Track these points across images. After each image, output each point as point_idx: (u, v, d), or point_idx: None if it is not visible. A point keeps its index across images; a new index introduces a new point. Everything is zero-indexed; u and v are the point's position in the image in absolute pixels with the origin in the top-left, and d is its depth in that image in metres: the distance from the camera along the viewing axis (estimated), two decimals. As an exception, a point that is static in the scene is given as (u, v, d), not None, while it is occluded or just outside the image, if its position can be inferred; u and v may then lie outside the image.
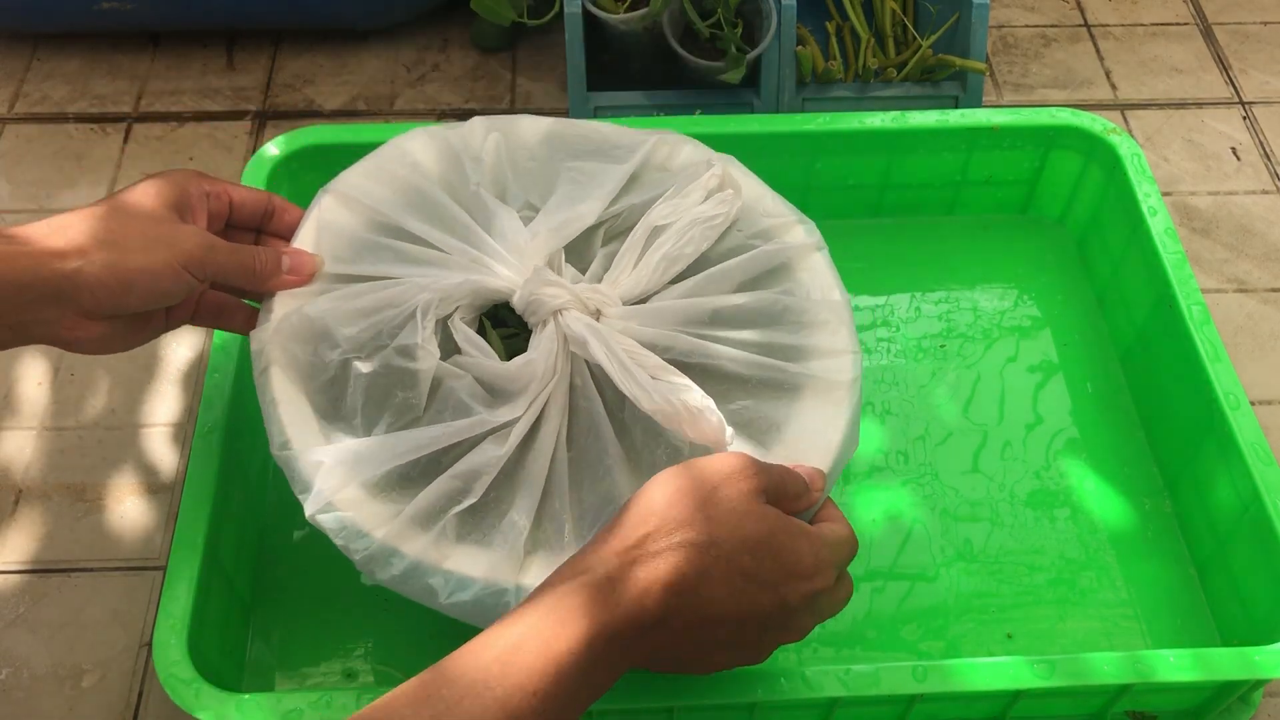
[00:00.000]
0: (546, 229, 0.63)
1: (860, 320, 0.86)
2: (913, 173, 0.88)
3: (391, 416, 0.59)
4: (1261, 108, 1.05)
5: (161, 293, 0.57)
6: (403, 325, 0.59)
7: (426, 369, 0.58)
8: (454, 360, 0.60)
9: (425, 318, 0.59)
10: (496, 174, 0.67)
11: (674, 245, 0.62)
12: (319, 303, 0.60)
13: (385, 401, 0.59)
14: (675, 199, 0.64)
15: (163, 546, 0.76)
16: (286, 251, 0.62)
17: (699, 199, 0.64)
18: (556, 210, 0.64)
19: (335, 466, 0.56)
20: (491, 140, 0.67)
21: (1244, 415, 0.71)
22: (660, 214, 0.63)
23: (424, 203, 0.64)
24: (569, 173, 0.66)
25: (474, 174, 0.65)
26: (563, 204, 0.64)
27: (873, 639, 0.72)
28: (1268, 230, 0.95)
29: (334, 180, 0.66)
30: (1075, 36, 1.11)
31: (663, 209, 0.64)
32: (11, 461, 0.80)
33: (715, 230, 0.64)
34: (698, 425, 0.56)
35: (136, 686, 0.71)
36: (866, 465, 0.79)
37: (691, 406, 0.56)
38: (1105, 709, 0.68)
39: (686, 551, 0.50)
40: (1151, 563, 0.75)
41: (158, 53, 1.07)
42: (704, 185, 0.65)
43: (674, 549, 0.50)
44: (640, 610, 0.49)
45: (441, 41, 1.09)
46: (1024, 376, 0.84)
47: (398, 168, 0.65)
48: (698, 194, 0.64)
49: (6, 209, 0.95)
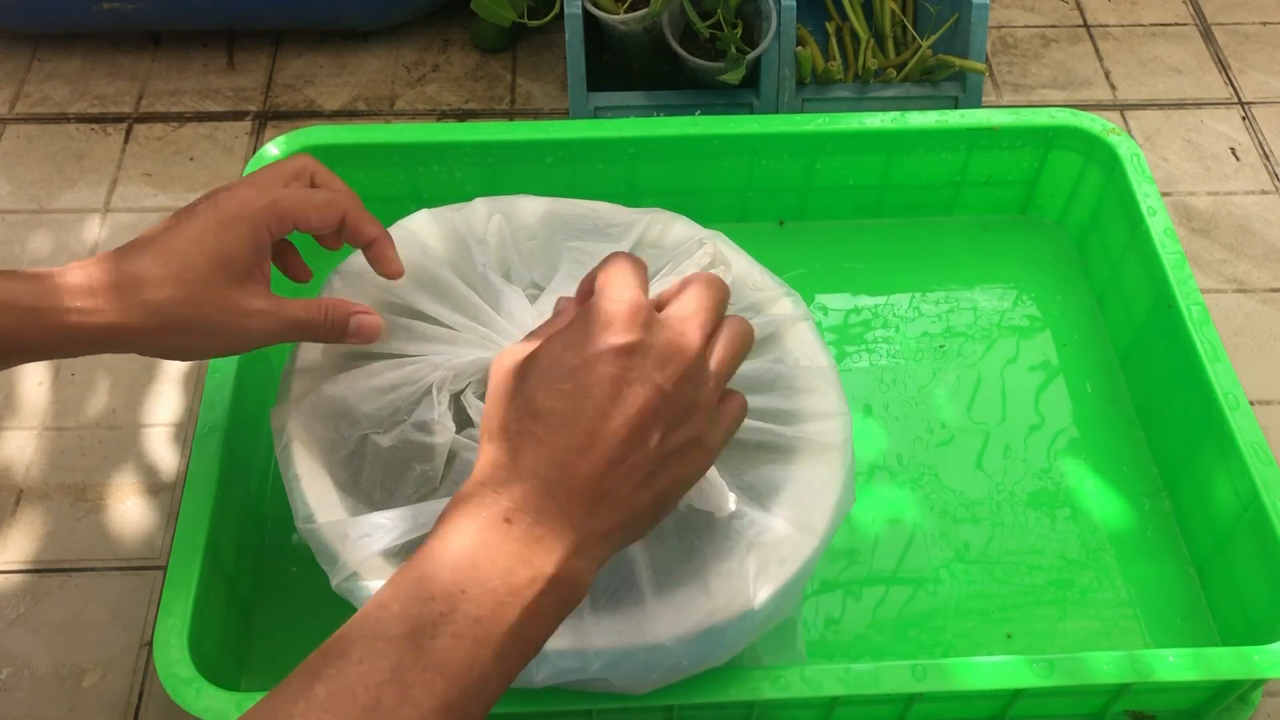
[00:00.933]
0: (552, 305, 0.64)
1: (860, 320, 0.87)
2: (912, 173, 0.88)
3: (410, 488, 0.60)
4: (1261, 108, 1.05)
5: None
6: (419, 401, 0.61)
7: (443, 443, 0.60)
8: (467, 433, 0.61)
9: (440, 393, 0.60)
10: (501, 254, 0.69)
11: None
12: (338, 381, 0.62)
13: (404, 474, 0.61)
14: (672, 275, 0.66)
15: (163, 546, 0.77)
16: (354, 312, 0.61)
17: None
18: (561, 289, 0.66)
19: (359, 539, 0.58)
20: (494, 223, 0.69)
21: (1243, 415, 0.71)
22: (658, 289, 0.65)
23: (433, 283, 0.66)
24: (570, 252, 0.69)
25: (480, 255, 0.67)
26: (566, 282, 0.66)
27: (872, 638, 0.72)
28: (1267, 230, 0.95)
29: (343, 262, 0.67)
30: (1075, 37, 1.11)
31: (660, 286, 0.65)
32: (12, 461, 0.80)
33: None
34: (702, 490, 0.57)
35: (137, 686, 0.71)
36: (866, 466, 0.79)
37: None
38: (1105, 709, 0.68)
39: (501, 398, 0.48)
40: (1151, 562, 0.75)
41: (158, 53, 1.08)
42: (698, 262, 0.67)
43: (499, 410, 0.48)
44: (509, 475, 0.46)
45: (441, 42, 1.09)
46: (1023, 377, 0.84)
47: (405, 250, 0.66)
48: (693, 270, 0.67)
49: (7, 209, 0.95)
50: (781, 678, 0.61)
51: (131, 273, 0.54)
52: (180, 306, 0.55)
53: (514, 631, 0.43)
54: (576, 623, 0.56)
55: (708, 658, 0.58)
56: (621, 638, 0.56)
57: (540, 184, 0.85)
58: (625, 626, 0.56)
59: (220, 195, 0.58)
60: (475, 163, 0.85)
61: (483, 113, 1.03)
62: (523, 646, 0.44)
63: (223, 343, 0.58)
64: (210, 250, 0.56)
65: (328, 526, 0.58)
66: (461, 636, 0.42)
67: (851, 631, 0.72)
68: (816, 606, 0.73)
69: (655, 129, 0.85)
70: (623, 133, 0.84)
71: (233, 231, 0.56)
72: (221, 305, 0.56)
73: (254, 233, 0.57)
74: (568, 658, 0.56)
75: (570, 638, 0.56)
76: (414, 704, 0.41)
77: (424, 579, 0.44)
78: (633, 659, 0.56)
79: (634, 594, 0.57)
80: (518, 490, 0.46)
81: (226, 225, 0.56)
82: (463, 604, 0.43)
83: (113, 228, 0.94)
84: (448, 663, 0.42)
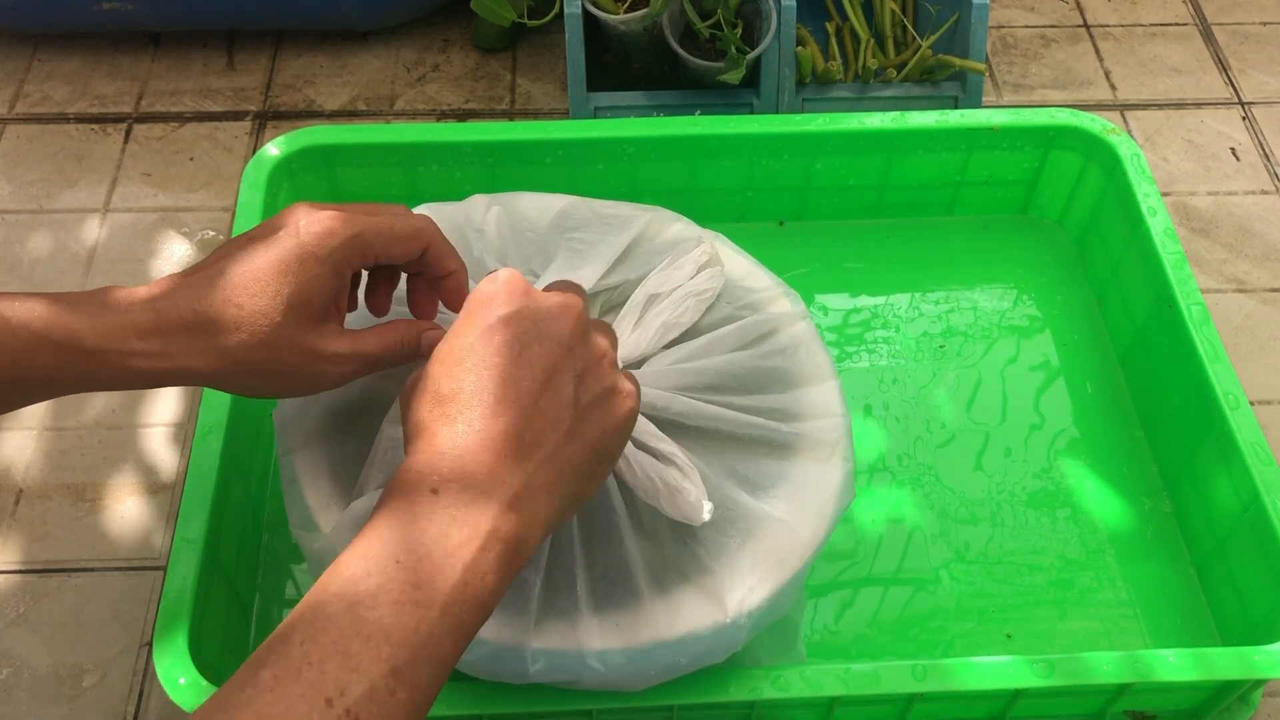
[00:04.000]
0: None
1: (860, 320, 0.87)
2: (912, 173, 0.88)
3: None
4: (1261, 108, 1.05)
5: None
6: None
7: None
8: None
9: None
10: (499, 244, 0.69)
11: (671, 314, 0.65)
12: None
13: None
14: (669, 270, 0.66)
15: (163, 546, 0.77)
16: (425, 330, 0.58)
17: (690, 273, 0.67)
18: (557, 276, 0.66)
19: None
20: (493, 214, 0.69)
21: (1243, 415, 0.71)
22: (655, 283, 0.66)
23: None
24: (569, 243, 0.68)
25: (477, 244, 0.67)
26: (563, 270, 0.66)
27: (872, 638, 0.72)
28: (1267, 230, 0.95)
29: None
30: (1075, 37, 1.11)
31: (657, 278, 0.66)
32: (12, 461, 0.80)
33: (704, 303, 0.67)
34: (674, 501, 0.57)
35: (137, 686, 0.71)
36: (866, 466, 0.79)
37: (670, 484, 0.57)
38: (1104, 709, 0.68)
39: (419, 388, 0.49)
40: (1151, 563, 0.75)
41: (158, 53, 1.08)
42: (695, 260, 0.67)
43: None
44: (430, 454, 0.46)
45: (441, 42, 1.09)
46: (1024, 377, 0.84)
47: None
48: (689, 268, 0.67)
49: (7, 209, 0.95)
50: (781, 678, 0.61)
51: (204, 313, 0.51)
52: (254, 351, 0.52)
53: (457, 591, 0.43)
54: (573, 620, 0.56)
55: (706, 656, 0.58)
56: (618, 636, 0.56)
57: (540, 184, 0.85)
58: (622, 624, 0.56)
59: (302, 220, 0.53)
60: (475, 163, 0.85)
61: (483, 113, 1.03)
62: (471, 606, 0.43)
63: (298, 385, 0.55)
64: (289, 293, 0.52)
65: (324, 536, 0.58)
66: (401, 603, 0.42)
67: (852, 632, 0.72)
68: (817, 607, 0.73)
69: (655, 129, 0.85)
70: (623, 133, 0.84)
71: (313, 270, 0.52)
72: (298, 350, 0.53)
73: (335, 270, 0.53)
74: (565, 656, 0.56)
75: (567, 635, 0.56)
76: (360, 671, 0.40)
77: (356, 560, 0.43)
78: (630, 657, 0.56)
79: (631, 592, 0.57)
80: (440, 464, 0.46)
81: (306, 263, 0.52)
82: (398, 573, 0.42)
83: (112, 228, 0.94)
84: (391, 628, 0.41)
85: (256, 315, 0.51)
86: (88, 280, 0.90)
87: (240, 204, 0.79)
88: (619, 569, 0.58)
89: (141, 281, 0.90)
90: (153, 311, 0.51)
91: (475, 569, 0.44)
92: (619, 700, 0.60)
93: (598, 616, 0.57)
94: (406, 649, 0.41)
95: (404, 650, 0.41)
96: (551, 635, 0.56)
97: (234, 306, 0.51)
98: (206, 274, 0.52)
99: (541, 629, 0.56)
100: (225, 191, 0.96)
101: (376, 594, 0.42)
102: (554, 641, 0.56)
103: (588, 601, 0.57)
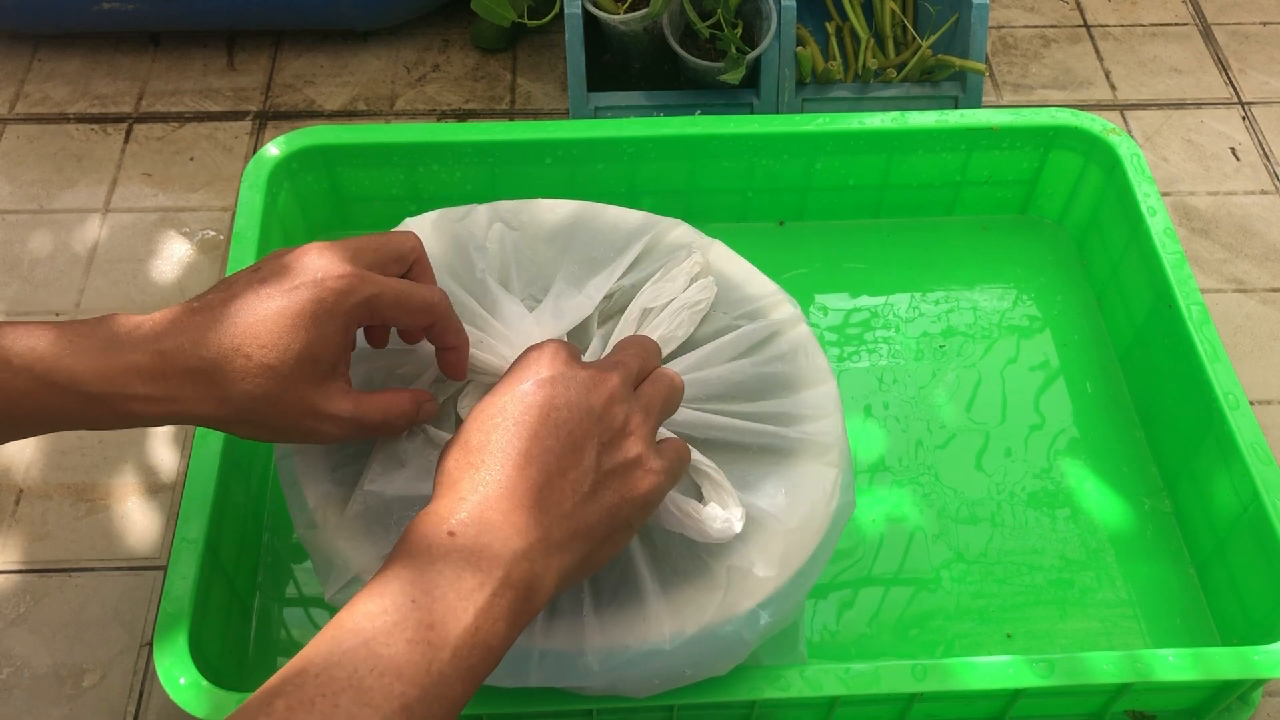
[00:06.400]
0: (549, 314, 0.65)
1: (860, 320, 0.87)
2: (912, 173, 0.88)
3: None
4: (1261, 108, 1.05)
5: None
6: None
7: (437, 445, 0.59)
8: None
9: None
10: (501, 265, 0.69)
11: (667, 328, 0.65)
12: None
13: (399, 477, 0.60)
14: (661, 283, 0.67)
15: (163, 546, 0.77)
16: (423, 401, 0.58)
17: (683, 285, 0.67)
18: (559, 297, 0.66)
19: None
20: (495, 230, 0.69)
21: (1243, 415, 0.71)
22: (648, 297, 0.66)
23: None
24: (570, 264, 0.68)
25: (479, 262, 0.67)
26: (565, 291, 0.67)
27: (873, 638, 0.72)
28: (1267, 230, 0.95)
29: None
30: (1075, 37, 1.11)
31: (650, 292, 0.66)
32: (12, 461, 0.80)
33: (699, 314, 0.67)
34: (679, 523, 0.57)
35: (137, 686, 0.71)
36: (866, 466, 0.79)
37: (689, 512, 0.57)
38: (1104, 708, 0.68)
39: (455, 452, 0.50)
40: (1151, 562, 0.75)
41: (158, 53, 1.08)
42: (687, 271, 0.67)
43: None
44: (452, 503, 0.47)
45: (441, 42, 1.09)
46: (1023, 377, 0.84)
47: None
48: (682, 280, 0.67)
49: (7, 209, 0.95)
50: (781, 678, 0.61)
51: (210, 360, 0.50)
52: (256, 403, 0.51)
53: (468, 635, 0.44)
54: (576, 625, 0.56)
55: (711, 664, 0.58)
56: (623, 642, 0.56)
57: (540, 184, 0.85)
58: (627, 630, 0.56)
59: (320, 272, 0.52)
60: (475, 163, 0.85)
61: (483, 113, 1.03)
62: (481, 651, 0.44)
63: (292, 437, 0.55)
64: (299, 349, 0.51)
65: (326, 537, 0.58)
66: (415, 641, 0.43)
67: (852, 632, 0.72)
68: (817, 607, 0.73)
69: (655, 129, 0.85)
70: (623, 133, 0.84)
71: (325, 327, 0.52)
72: (300, 407, 0.52)
73: (345, 328, 0.53)
74: (567, 658, 0.56)
75: (571, 639, 0.56)
76: (373, 706, 0.41)
77: (373, 597, 0.44)
78: (634, 664, 0.56)
79: (635, 598, 0.57)
80: (460, 508, 0.47)
81: (320, 319, 0.51)
82: (413, 612, 0.43)
83: (113, 228, 0.94)
84: (404, 665, 0.42)
85: (264, 368, 0.51)
86: (88, 280, 0.90)
87: (240, 204, 0.79)
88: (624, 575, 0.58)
89: (141, 282, 0.90)
90: (157, 354, 0.50)
91: (487, 614, 0.45)
92: (619, 700, 0.60)
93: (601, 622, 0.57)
94: (418, 687, 0.42)
95: (415, 689, 0.42)
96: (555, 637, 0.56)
97: (242, 357, 0.50)
98: (214, 314, 0.51)
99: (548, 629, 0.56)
100: (225, 191, 0.96)
101: (392, 631, 0.43)
102: (556, 643, 0.56)
103: (590, 607, 0.57)
